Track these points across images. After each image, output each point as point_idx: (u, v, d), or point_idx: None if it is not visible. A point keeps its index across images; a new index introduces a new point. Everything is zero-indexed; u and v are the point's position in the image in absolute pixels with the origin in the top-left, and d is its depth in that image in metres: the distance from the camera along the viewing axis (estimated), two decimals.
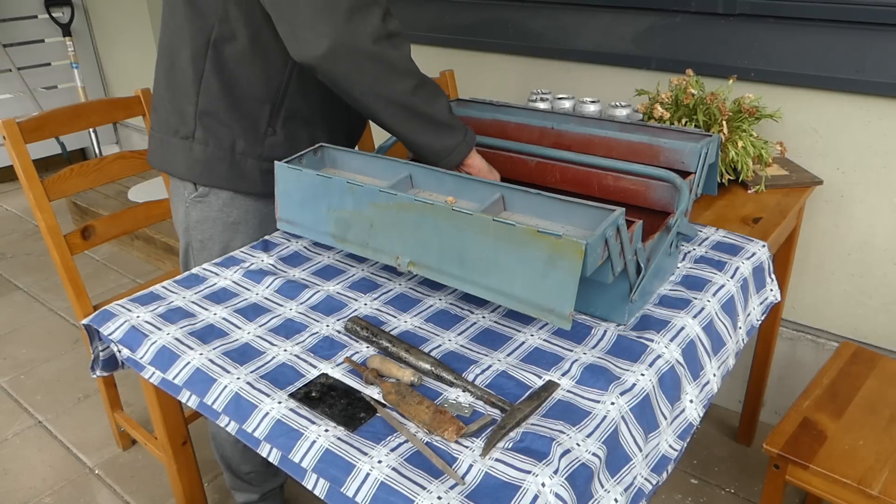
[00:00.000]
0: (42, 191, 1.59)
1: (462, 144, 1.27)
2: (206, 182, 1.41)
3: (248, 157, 1.37)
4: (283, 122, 1.36)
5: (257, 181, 1.39)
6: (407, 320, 1.13)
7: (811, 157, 1.81)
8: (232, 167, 1.37)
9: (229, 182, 1.39)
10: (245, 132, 1.35)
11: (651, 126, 1.38)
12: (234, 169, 1.37)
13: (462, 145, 1.27)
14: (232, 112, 1.33)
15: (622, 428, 0.93)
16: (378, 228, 1.12)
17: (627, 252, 1.03)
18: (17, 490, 1.96)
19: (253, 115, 1.34)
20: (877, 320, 1.87)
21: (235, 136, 1.35)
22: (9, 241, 3.46)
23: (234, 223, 1.41)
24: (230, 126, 1.35)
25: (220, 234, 1.42)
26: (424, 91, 1.23)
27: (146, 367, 1.07)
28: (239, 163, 1.37)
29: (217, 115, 1.35)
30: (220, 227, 1.41)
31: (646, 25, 1.96)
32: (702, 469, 1.97)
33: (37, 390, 2.37)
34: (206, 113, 1.35)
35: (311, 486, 0.86)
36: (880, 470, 1.28)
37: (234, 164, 1.37)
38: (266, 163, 1.38)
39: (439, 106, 1.25)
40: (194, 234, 1.44)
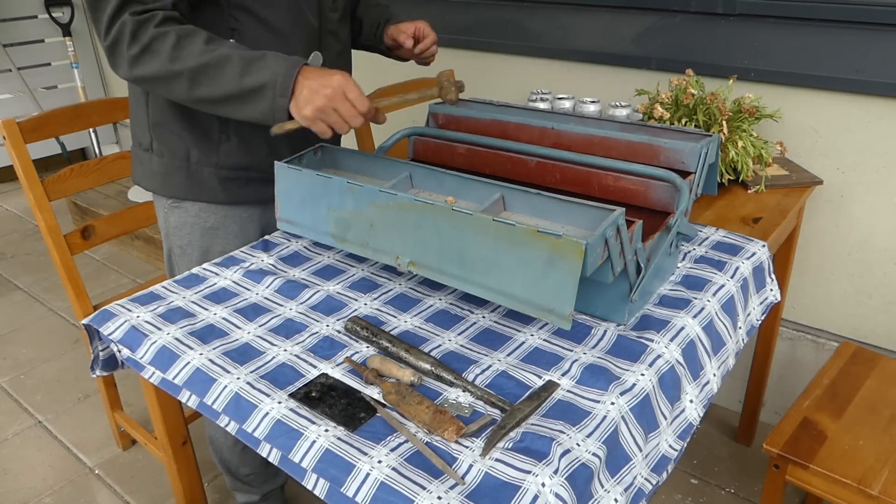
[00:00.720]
0: (42, 191, 1.59)
1: (277, 100, 1.11)
2: (167, 193, 1.41)
3: (203, 166, 1.35)
4: (234, 126, 1.34)
5: (217, 190, 1.37)
6: (407, 320, 1.13)
7: (811, 157, 1.81)
8: (189, 177, 1.37)
9: (189, 192, 1.39)
10: (197, 141, 1.34)
11: (651, 126, 1.38)
12: (192, 178, 1.37)
13: (278, 101, 1.11)
14: (182, 121, 1.33)
15: (622, 428, 0.93)
16: (378, 228, 1.12)
17: (627, 252, 1.03)
18: (17, 490, 1.96)
19: (203, 122, 1.32)
20: (877, 320, 1.87)
21: (189, 146, 1.35)
22: (9, 241, 3.46)
23: (211, 228, 1.41)
24: (181, 135, 1.34)
25: (199, 240, 1.41)
26: (203, 78, 1.13)
27: (146, 367, 1.07)
28: (195, 172, 1.36)
29: (168, 126, 1.35)
30: (199, 233, 1.41)
31: (646, 25, 1.96)
32: (702, 469, 1.97)
33: (37, 390, 2.37)
34: (158, 124, 1.36)
35: (311, 486, 0.86)
36: (880, 470, 1.28)
37: (191, 173, 1.36)
38: (224, 170, 1.36)
39: (225, 80, 1.12)
40: (174, 240, 1.44)
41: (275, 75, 1.10)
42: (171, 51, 1.11)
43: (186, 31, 1.13)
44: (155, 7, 1.13)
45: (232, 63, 1.11)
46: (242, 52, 1.12)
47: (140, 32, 1.12)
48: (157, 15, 1.12)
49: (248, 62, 1.11)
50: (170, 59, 1.11)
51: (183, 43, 1.12)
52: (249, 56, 1.12)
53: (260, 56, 1.12)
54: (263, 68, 1.11)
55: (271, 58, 1.12)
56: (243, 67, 1.11)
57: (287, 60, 1.11)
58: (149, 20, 1.12)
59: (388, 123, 1.36)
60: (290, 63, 1.11)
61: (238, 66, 1.11)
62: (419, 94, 1.26)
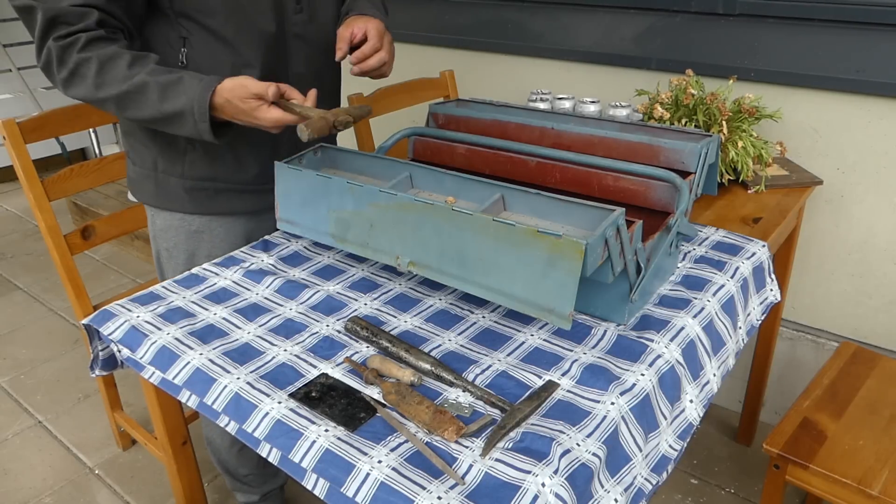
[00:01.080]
0: (42, 191, 1.59)
1: (199, 125, 1.13)
2: (143, 200, 1.42)
3: (170, 176, 1.34)
4: None
5: (184, 200, 1.37)
6: (407, 320, 1.13)
7: (811, 157, 1.81)
8: (157, 186, 1.37)
9: (157, 200, 1.39)
10: (163, 150, 1.34)
11: (651, 126, 1.38)
12: (160, 187, 1.37)
13: (199, 125, 1.13)
14: (147, 130, 1.32)
15: (622, 428, 0.93)
16: (378, 228, 1.12)
17: (627, 252, 1.03)
18: (17, 490, 1.96)
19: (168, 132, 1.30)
20: (877, 320, 1.87)
21: (155, 155, 1.34)
22: (9, 241, 3.46)
23: (196, 231, 1.40)
24: (147, 144, 1.34)
25: (185, 243, 1.41)
26: (128, 104, 1.14)
27: (146, 367, 1.07)
28: (163, 181, 1.35)
29: (135, 134, 1.35)
30: (184, 236, 1.40)
31: (646, 25, 1.96)
32: (702, 469, 1.97)
33: (37, 390, 2.37)
34: (127, 133, 1.37)
35: (311, 486, 0.86)
36: (880, 470, 1.28)
37: (159, 182, 1.36)
38: (189, 181, 1.34)
39: (147, 106, 1.13)
40: (161, 243, 1.44)
41: (190, 101, 1.11)
42: (95, 77, 1.12)
43: (108, 56, 1.12)
44: (77, 30, 1.12)
45: (150, 89, 1.12)
46: (160, 78, 1.12)
47: (65, 57, 1.12)
48: (79, 39, 1.12)
49: (165, 88, 1.12)
50: (94, 85, 1.12)
51: (106, 68, 1.12)
52: (166, 81, 1.12)
53: (176, 80, 1.12)
54: (180, 94, 1.12)
55: (186, 81, 1.12)
56: (161, 93, 1.12)
57: (201, 83, 1.12)
58: (72, 45, 1.12)
59: (389, 123, 1.35)
60: (204, 86, 1.11)
61: (156, 93, 1.12)
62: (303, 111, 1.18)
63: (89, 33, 1.12)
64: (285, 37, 1.30)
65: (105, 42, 1.14)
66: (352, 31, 1.28)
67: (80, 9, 1.12)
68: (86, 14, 1.12)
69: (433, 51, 2.44)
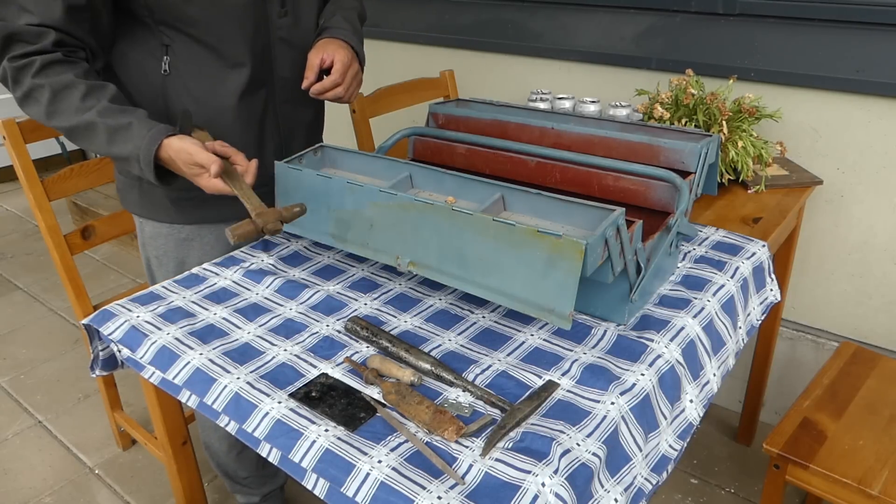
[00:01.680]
0: (42, 191, 1.59)
1: (145, 172, 1.10)
2: (127, 208, 1.40)
3: (154, 186, 1.30)
4: None
5: (169, 210, 1.35)
6: (407, 320, 1.13)
7: (811, 157, 1.81)
8: (142, 196, 1.35)
9: (143, 210, 1.37)
10: None
11: (651, 126, 1.38)
12: (144, 197, 1.35)
13: (146, 172, 1.10)
14: None
15: (622, 428, 0.93)
16: (378, 228, 1.12)
17: (627, 252, 1.03)
18: (17, 490, 1.96)
19: None
20: (877, 320, 1.87)
21: None
22: (9, 241, 3.46)
23: (186, 239, 1.38)
24: None
25: (175, 250, 1.39)
26: (78, 138, 1.12)
27: (146, 367, 1.07)
28: (148, 191, 1.34)
29: None
30: (174, 243, 1.39)
31: (646, 25, 1.96)
32: (702, 469, 1.97)
33: (37, 390, 2.37)
34: None
35: (311, 486, 0.86)
36: (880, 470, 1.28)
37: (144, 192, 1.34)
38: (174, 192, 1.31)
39: (96, 145, 1.11)
40: (150, 250, 1.42)
41: (136, 150, 1.09)
42: (48, 105, 1.10)
43: (63, 85, 1.09)
44: (33, 51, 1.08)
45: (98, 132, 1.09)
46: (109, 120, 1.09)
47: (20, 79, 1.10)
48: (34, 62, 1.08)
49: (113, 132, 1.09)
50: (46, 113, 1.10)
51: (58, 97, 1.09)
52: (115, 125, 1.09)
53: (125, 125, 1.09)
54: (127, 140, 1.09)
55: (135, 129, 1.09)
56: (108, 137, 1.09)
57: (149, 134, 1.08)
58: (27, 67, 1.09)
59: (388, 123, 1.35)
60: (151, 138, 1.08)
61: (104, 135, 1.10)
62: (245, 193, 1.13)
63: (45, 56, 1.09)
64: (270, 41, 1.29)
65: (61, 66, 1.10)
66: (321, 58, 1.27)
67: (36, 28, 1.08)
68: (42, 34, 1.09)
69: (433, 51, 2.44)
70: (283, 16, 1.29)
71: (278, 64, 1.32)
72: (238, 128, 1.30)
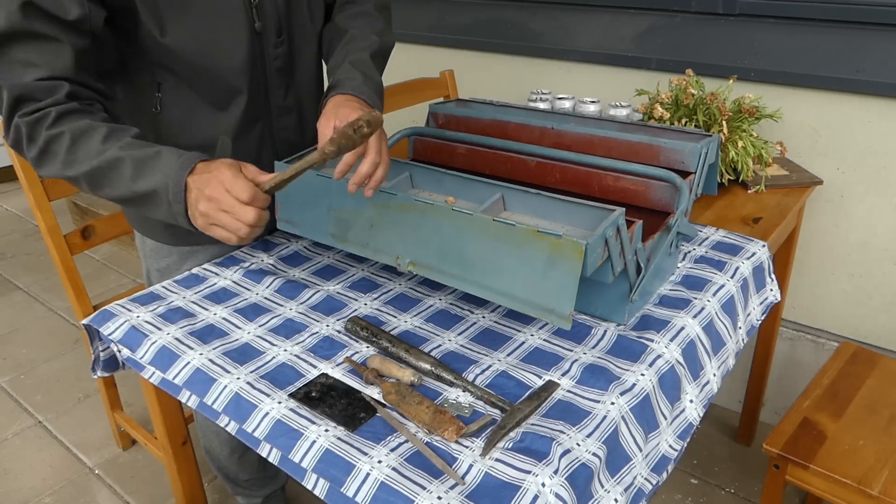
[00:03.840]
0: (42, 191, 1.59)
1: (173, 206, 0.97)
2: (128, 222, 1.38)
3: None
4: None
5: (165, 234, 1.31)
6: (407, 320, 1.13)
7: (811, 157, 1.81)
8: (137, 215, 1.34)
9: (141, 228, 1.35)
10: None
11: (651, 126, 1.38)
12: (139, 217, 1.34)
13: (174, 206, 0.97)
14: None
15: (622, 428, 0.93)
16: (378, 228, 1.12)
17: (627, 252, 1.03)
18: (17, 490, 1.96)
19: None
20: (877, 320, 1.87)
21: None
22: (9, 241, 3.46)
23: (190, 252, 1.35)
24: None
25: (178, 263, 1.35)
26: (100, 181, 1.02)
27: (146, 367, 1.07)
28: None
29: None
30: (177, 257, 1.35)
31: (646, 25, 1.96)
32: (702, 469, 1.97)
33: (37, 390, 2.37)
34: None
35: (311, 487, 0.86)
36: (880, 470, 1.28)
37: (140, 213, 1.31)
38: None
39: (119, 184, 1.00)
40: (151, 262, 1.39)
41: (166, 178, 0.97)
42: (66, 154, 1.00)
43: (82, 130, 1.00)
44: (46, 105, 1.00)
45: (124, 165, 0.99)
46: (136, 152, 0.99)
47: (34, 134, 1.01)
48: (49, 114, 1.00)
49: (140, 163, 0.98)
50: (63, 163, 1.01)
51: (78, 143, 1.00)
52: (143, 156, 0.99)
53: (153, 155, 0.99)
54: (156, 171, 0.98)
55: (165, 157, 0.98)
56: (135, 170, 0.98)
57: (180, 159, 0.98)
58: (41, 120, 1.00)
59: (389, 123, 1.33)
60: (182, 163, 0.97)
61: (130, 169, 0.98)
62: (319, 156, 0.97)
63: (60, 107, 1.01)
64: (267, 73, 1.24)
65: (79, 115, 1.02)
66: (332, 126, 1.11)
67: (46, 83, 1.00)
68: (54, 88, 1.01)
69: (433, 51, 2.44)
70: (279, 45, 1.24)
71: (275, 93, 1.28)
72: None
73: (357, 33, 1.30)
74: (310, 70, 1.34)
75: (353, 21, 1.32)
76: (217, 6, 1.13)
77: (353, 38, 1.29)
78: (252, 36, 1.19)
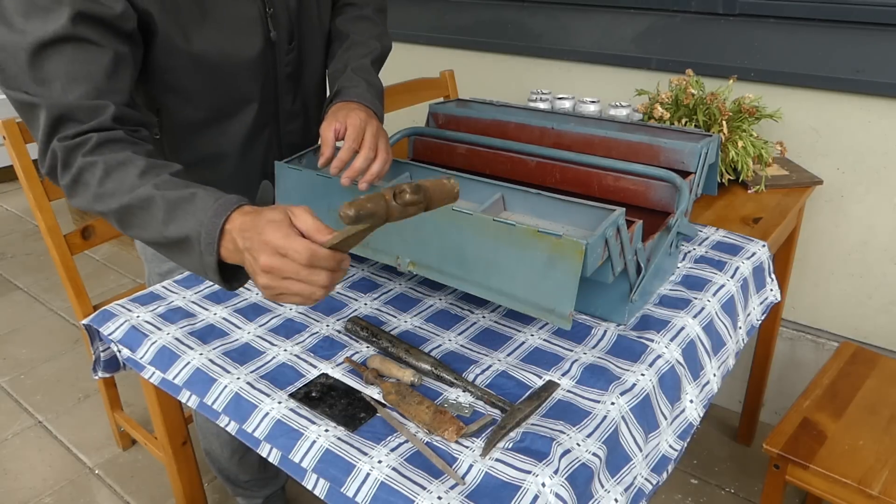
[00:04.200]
0: (42, 191, 1.59)
1: (205, 257, 0.84)
2: None
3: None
4: None
5: None
6: (407, 320, 1.13)
7: (811, 157, 1.81)
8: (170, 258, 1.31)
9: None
10: None
11: (651, 126, 1.38)
12: None
13: (205, 258, 0.84)
14: None
15: (622, 428, 0.93)
16: (378, 228, 1.12)
17: (627, 252, 1.03)
18: (17, 490, 1.96)
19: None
20: (877, 320, 1.87)
21: None
22: (9, 241, 3.46)
23: None
24: None
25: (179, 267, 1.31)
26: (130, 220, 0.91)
27: (146, 367, 1.07)
28: None
29: None
30: None
31: (646, 25, 1.96)
32: (702, 469, 1.97)
33: (37, 390, 2.37)
34: None
35: (312, 487, 0.86)
36: (880, 470, 1.28)
37: None
38: None
39: (150, 226, 0.89)
40: (153, 267, 1.39)
41: (199, 225, 0.83)
42: (97, 186, 0.90)
43: (119, 161, 0.90)
44: (88, 129, 0.91)
45: (155, 206, 0.87)
46: (170, 192, 0.87)
47: (70, 160, 0.91)
48: (89, 139, 0.91)
49: (172, 205, 0.86)
50: (94, 196, 0.91)
51: (111, 176, 0.90)
52: (176, 197, 0.86)
53: (188, 197, 0.86)
54: (188, 215, 0.85)
55: (200, 200, 0.85)
56: (167, 212, 0.86)
57: (216, 203, 0.84)
58: (80, 146, 0.91)
59: (389, 123, 1.34)
60: (218, 208, 0.83)
61: (161, 211, 0.86)
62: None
63: (103, 133, 0.92)
64: (277, 77, 1.24)
65: (121, 145, 0.92)
66: (334, 128, 1.12)
67: (91, 103, 0.92)
68: (99, 109, 0.92)
69: (433, 51, 2.44)
70: (291, 52, 1.24)
71: (283, 100, 1.28)
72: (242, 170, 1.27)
73: (358, 39, 1.31)
74: (316, 74, 1.34)
75: (354, 25, 1.33)
76: (234, 16, 1.13)
77: (355, 43, 1.30)
78: (266, 45, 1.19)
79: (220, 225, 0.82)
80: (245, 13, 1.14)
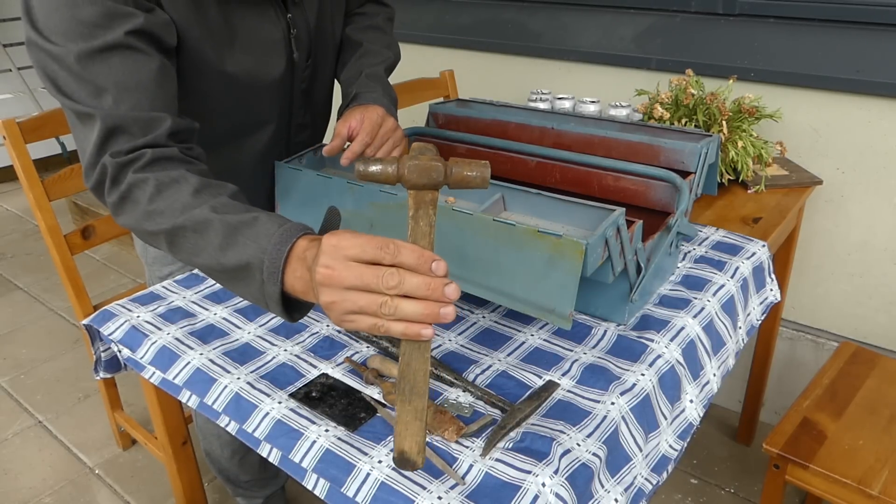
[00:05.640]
0: (42, 191, 1.59)
1: (267, 287, 0.76)
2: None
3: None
4: None
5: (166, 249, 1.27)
6: None
7: (811, 157, 1.81)
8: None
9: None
10: None
11: (651, 126, 1.38)
12: None
13: (268, 287, 0.76)
14: None
15: (622, 428, 0.93)
16: (378, 228, 1.12)
17: (627, 252, 1.03)
18: (17, 490, 1.96)
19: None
20: (877, 320, 1.87)
21: None
22: (9, 241, 3.46)
23: None
24: None
25: (180, 270, 1.33)
26: (182, 243, 0.85)
27: (146, 367, 1.07)
28: None
29: None
30: (180, 263, 1.33)
31: (646, 25, 1.96)
32: (702, 469, 1.97)
33: (37, 390, 2.37)
34: None
35: (312, 487, 0.86)
36: (880, 470, 1.28)
37: None
38: None
39: (205, 252, 0.82)
40: (155, 271, 1.38)
41: (261, 253, 0.76)
42: (147, 203, 0.85)
43: (172, 178, 0.86)
44: (142, 144, 0.87)
45: (212, 230, 0.81)
46: (230, 216, 0.81)
47: (120, 176, 0.87)
48: (143, 155, 0.87)
49: (232, 230, 0.80)
50: (144, 214, 0.86)
51: (163, 193, 0.85)
52: (236, 221, 0.80)
53: (249, 221, 0.80)
54: (250, 240, 0.78)
55: (262, 225, 0.79)
56: (225, 238, 0.80)
57: (280, 228, 0.77)
58: (132, 162, 0.87)
59: None
60: (283, 234, 0.77)
61: (219, 236, 0.80)
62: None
63: (158, 150, 0.88)
64: (293, 94, 1.24)
65: (175, 163, 0.88)
66: (348, 125, 1.14)
67: (146, 115, 0.88)
68: (154, 122, 0.89)
69: (433, 51, 2.44)
70: (307, 69, 1.24)
71: (296, 115, 1.28)
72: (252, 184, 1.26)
73: (371, 47, 1.33)
74: (327, 87, 1.36)
75: (365, 34, 1.35)
76: (262, 39, 1.13)
77: (368, 52, 1.32)
78: (289, 66, 1.19)
79: (285, 252, 0.75)
80: (271, 36, 1.14)
